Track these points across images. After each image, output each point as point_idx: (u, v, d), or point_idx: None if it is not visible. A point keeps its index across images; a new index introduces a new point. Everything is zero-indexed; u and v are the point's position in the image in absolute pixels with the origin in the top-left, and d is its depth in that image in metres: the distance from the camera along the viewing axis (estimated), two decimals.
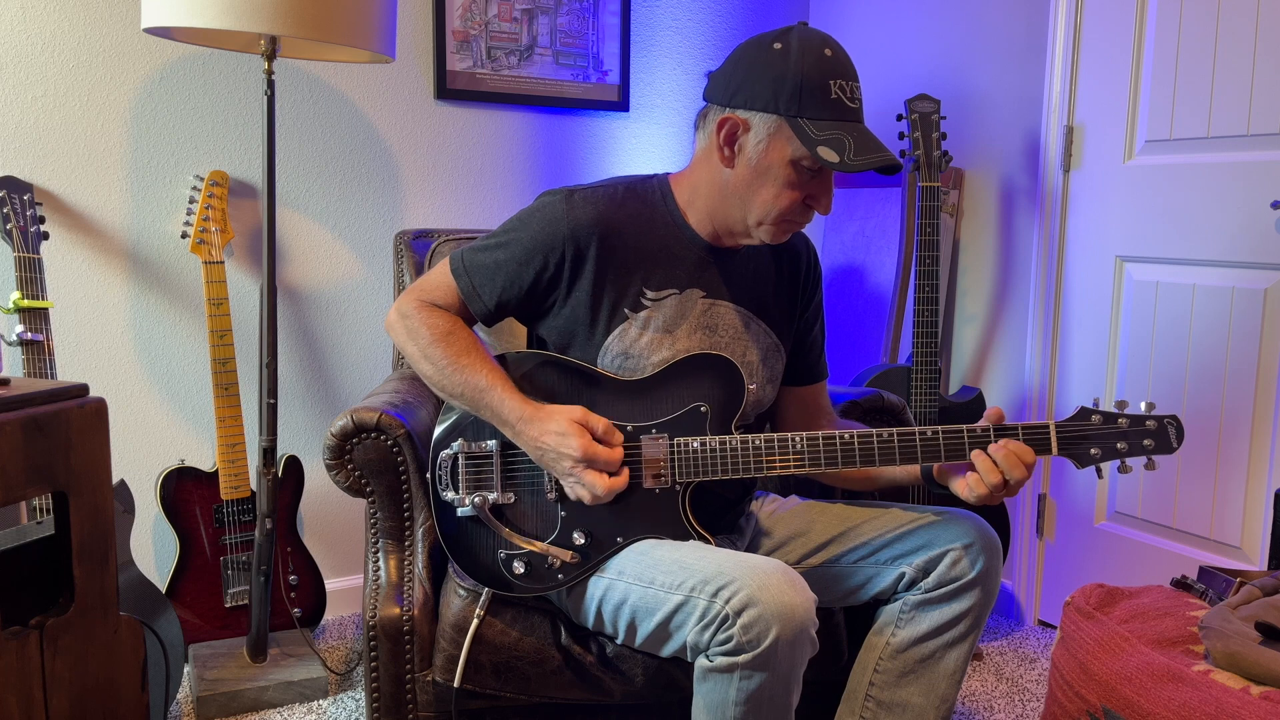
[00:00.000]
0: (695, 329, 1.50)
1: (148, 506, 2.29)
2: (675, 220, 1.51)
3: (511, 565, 1.46)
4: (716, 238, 1.51)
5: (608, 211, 1.47)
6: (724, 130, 1.41)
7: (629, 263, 1.48)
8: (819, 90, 1.36)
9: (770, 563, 1.31)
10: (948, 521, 1.47)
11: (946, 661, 1.47)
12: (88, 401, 1.36)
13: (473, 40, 2.57)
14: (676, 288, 1.50)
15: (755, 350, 1.55)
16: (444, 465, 1.48)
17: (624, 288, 1.48)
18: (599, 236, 1.46)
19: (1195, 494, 2.27)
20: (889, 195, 2.81)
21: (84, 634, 1.36)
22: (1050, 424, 1.40)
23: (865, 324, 2.87)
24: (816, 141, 1.34)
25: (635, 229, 1.49)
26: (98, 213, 2.23)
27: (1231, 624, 1.35)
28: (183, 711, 2.10)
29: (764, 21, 3.04)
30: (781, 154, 1.38)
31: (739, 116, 1.40)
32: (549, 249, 1.46)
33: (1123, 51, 2.33)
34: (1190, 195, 2.23)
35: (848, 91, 1.38)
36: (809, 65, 1.36)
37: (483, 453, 1.48)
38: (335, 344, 2.52)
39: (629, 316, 1.48)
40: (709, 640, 1.29)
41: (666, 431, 1.44)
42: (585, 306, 1.48)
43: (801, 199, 1.42)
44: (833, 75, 1.36)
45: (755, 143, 1.39)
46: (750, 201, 1.43)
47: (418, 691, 1.58)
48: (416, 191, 2.58)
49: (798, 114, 1.36)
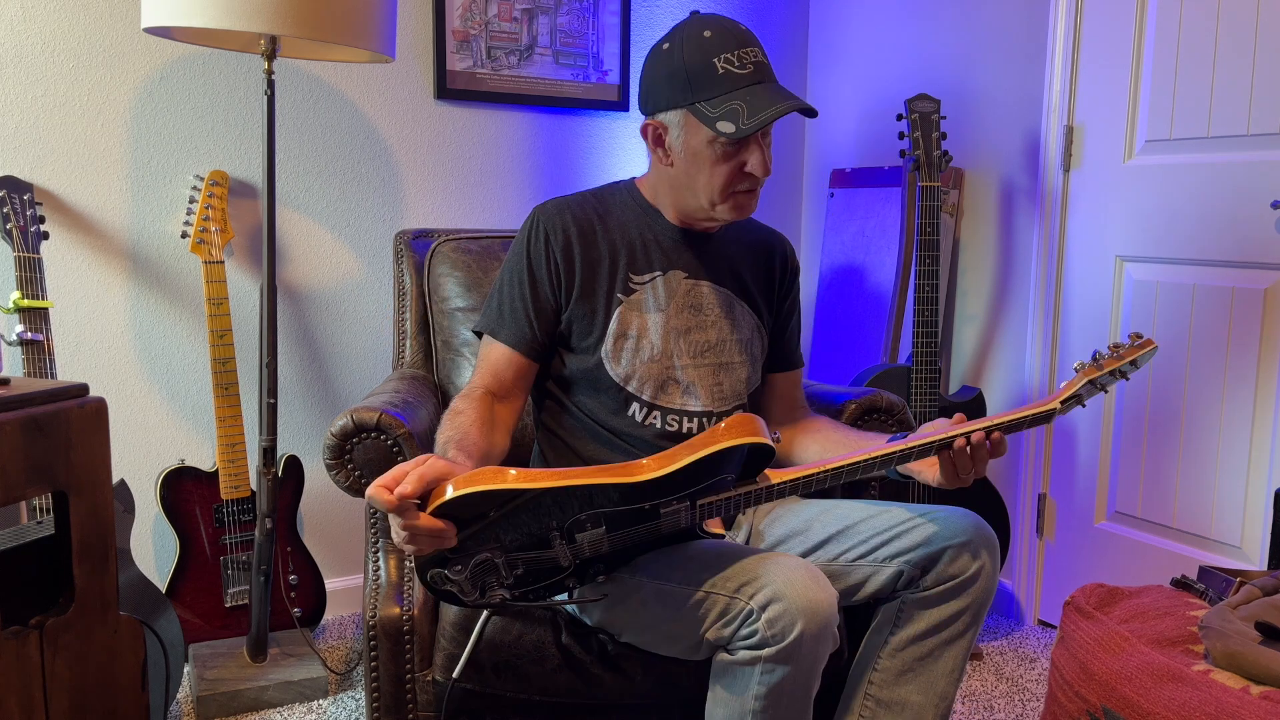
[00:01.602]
0: (682, 308, 1.58)
1: (148, 506, 2.29)
2: (648, 210, 1.61)
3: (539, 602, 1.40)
4: (687, 224, 1.60)
5: (580, 212, 1.59)
6: (650, 136, 1.53)
7: (611, 252, 1.57)
8: (705, 71, 1.44)
9: (793, 559, 1.32)
10: (945, 520, 1.48)
11: (945, 659, 1.47)
12: (88, 401, 1.36)
13: (473, 40, 2.57)
14: (659, 269, 1.58)
15: (741, 330, 1.62)
16: (437, 583, 1.32)
17: (611, 275, 1.57)
18: (577, 233, 1.56)
19: (1195, 494, 2.27)
20: (889, 195, 2.81)
21: (84, 634, 1.36)
22: (1056, 402, 1.40)
23: (865, 324, 2.87)
24: (714, 119, 1.43)
25: (610, 222, 1.59)
26: (98, 213, 2.24)
27: (1231, 624, 1.35)
28: (183, 711, 2.10)
29: (764, 21, 3.04)
30: (698, 139, 1.47)
31: (656, 121, 1.51)
32: (541, 256, 1.56)
33: (1123, 51, 2.33)
34: (1190, 195, 2.23)
35: (735, 61, 1.45)
36: (690, 53, 1.45)
37: (482, 563, 1.33)
38: (335, 344, 2.52)
39: (621, 300, 1.56)
40: (731, 635, 1.29)
41: (688, 500, 1.33)
42: (582, 301, 1.55)
43: (737, 169, 1.48)
44: (715, 52, 1.44)
45: (676, 138, 1.49)
46: (696, 188, 1.52)
47: (418, 691, 1.58)
48: (416, 191, 2.58)
49: (694, 100, 1.45)
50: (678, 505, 1.33)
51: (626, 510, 1.31)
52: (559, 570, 1.36)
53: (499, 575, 1.33)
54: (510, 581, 1.33)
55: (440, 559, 1.29)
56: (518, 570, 1.33)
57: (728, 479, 1.34)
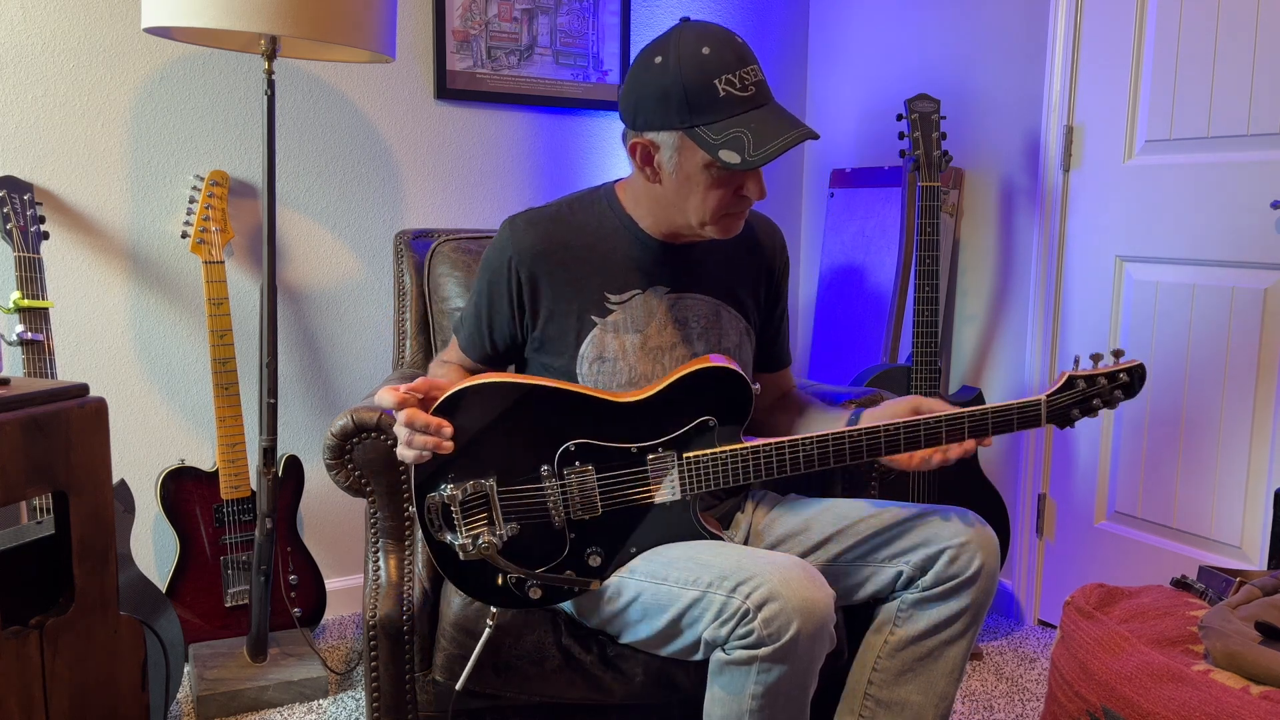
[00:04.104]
0: (666, 324, 1.53)
1: (148, 506, 2.29)
2: (625, 224, 1.54)
3: (526, 589, 1.43)
4: (669, 237, 1.54)
5: (553, 229, 1.53)
6: (638, 154, 1.44)
7: (584, 272, 1.52)
8: (705, 93, 1.36)
9: (789, 558, 1.33)
10: (945, 519, 1.48)
11: (945, 659, 1.47)
12: (88, 401, 1.36)
13: (473, 40, 2.57)
14: (639, 288, 1.53)
15: (729, 338, 1.58)
16: (433, 509, 1.40)
17: (585, 297, 1.52)
18: (545, 253, 1.51)
19: (1195, 494, 2.27)
20: (889, 195, 2.81)
21: (84, 634, 1.36)
22: (1042, 399, 1.42)
23: (865, 324, 2.87)
24: (717, 146, 1.35)
25: (585, 240, 1.53)
26: (98, 213, 2.24)
27: (1231, 624, 1.35)
28: (183, 711, 2.10)
29: (764, 21, 3.04)
30: (694, 163, 1.40)
31: (646, 138, 1.42)
32: (503, 278, 1.54)
33: (1123, 51, 2.33)
34: (1190, 195, 2.23)
35: (736, 83, 1.37)
36: (688, 71, 1.36)
37: (478, 493, 1.40)
38: (335, 344, 2.53)
39: (596, 323, 1.51)
40: (727, 635, 1.29)
41: (674, 449, 1.43)
42: (554, 322, 1.53)
43: (732, 192, 1.43)
44: (715, 73, 1.36)
45: (668, 159, 1.42)
46: (686, 209, 1.46)
47: (418, 691, 1.58)
48: (416, 191, 2.58)
49: (693, 124, 1.37)
50: (664, 453, 1.41)
51: (613, 449, 1.41)
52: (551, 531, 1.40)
53: (491, 518, 1.39)
54: (503, 534, 1.39)
55: (438, 477, 1.39)
56: (511, 525, 1.40)
57: (709, 423, 1.42)
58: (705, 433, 1.43)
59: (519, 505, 1.41)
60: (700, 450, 1.42)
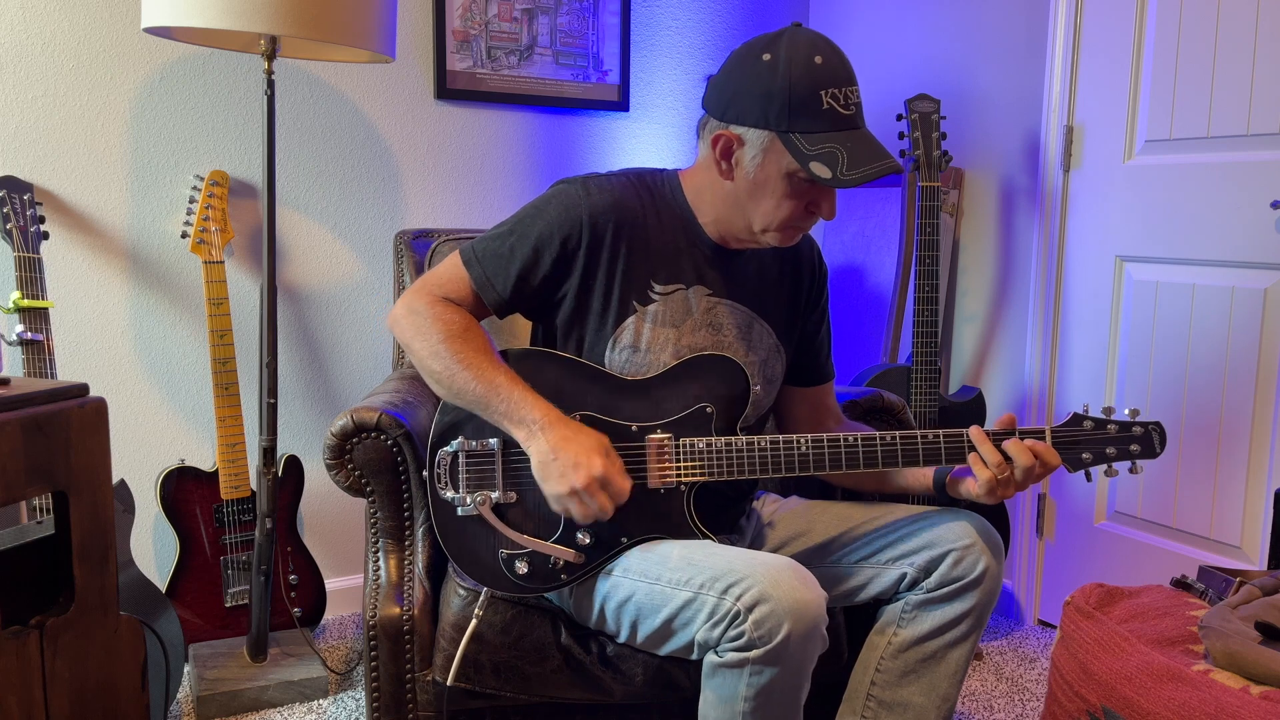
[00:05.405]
0: (700, 326, 1.51)
1: (148, 506, 2.29)
2: (687, 216, 1.51)
3: (514, 565, 1.45)
4: (723, 239, 1.51)
5: (624, 199, 1.47)
6: (719, 146, 1.41)
7: (642, 254, 1.48)
8: (810, 102, 1.34)
9: (780, 559, 1.32)
10: (949, 521, 1.47)
11: (948, 661, 1.47)
12: (88, 401, 1.36)
13: (473, 40, 2.57)
14: (683, 283, 1.50)
15: (757, 351, 1.55)
16: (443, 463, 1.46)
17: (635, 279, 1.48)
18: (615, 223, 1.46)
19: (1195, 494, 2.27)
20: (889, 195, 2.81)
21: (84, 634, 1.36)
22: (1046, 429, 1.43)
23: (865, 324, 2.87)
24: (809, 157, 1.34)
25: (649, 220, 1.49)
26: (98, 213, 2.23)
27: (1231, 624, 1.35)
28: (183, 711, 2.10)
29: (764, 21, 3.04)
30: (777, 168, 1.38)
31: (733, 132, 1.39)
32: (566, 234, 1.45)
33: (1123, 51, 2.33)
34: (1190, 195, 2.23)
35: (840, 99, 1.36)
36: (798, 76, 1.34)
37: (485, 451, 1.46)
38: (335, 344, 2.52)
39: (637, 309, 1.48)
40: (719, 636, 1.29)
41: (672, 431, 1.44)
42: (598, 296, 1.48)
43: (803, 206, 1.42)
44: (824, 84, 1.35)
45: (751, 157, 1.39)
46: (753, 211, 1.43)
47: (418, 691, 1.58)
48: (416, 191, 2.58)
49: (789, 129, 1.35)
50: (662, 435, 1.43)
51: (615, 425, 1.44)
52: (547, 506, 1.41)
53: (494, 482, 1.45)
54: (499, 498, 1.45)
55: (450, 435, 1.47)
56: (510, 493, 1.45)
57: (707, 409, 1.44)
58: (703, 421, 1.44)
59: (521, 471, 1.44)
60: (696, 436, 1.43)
